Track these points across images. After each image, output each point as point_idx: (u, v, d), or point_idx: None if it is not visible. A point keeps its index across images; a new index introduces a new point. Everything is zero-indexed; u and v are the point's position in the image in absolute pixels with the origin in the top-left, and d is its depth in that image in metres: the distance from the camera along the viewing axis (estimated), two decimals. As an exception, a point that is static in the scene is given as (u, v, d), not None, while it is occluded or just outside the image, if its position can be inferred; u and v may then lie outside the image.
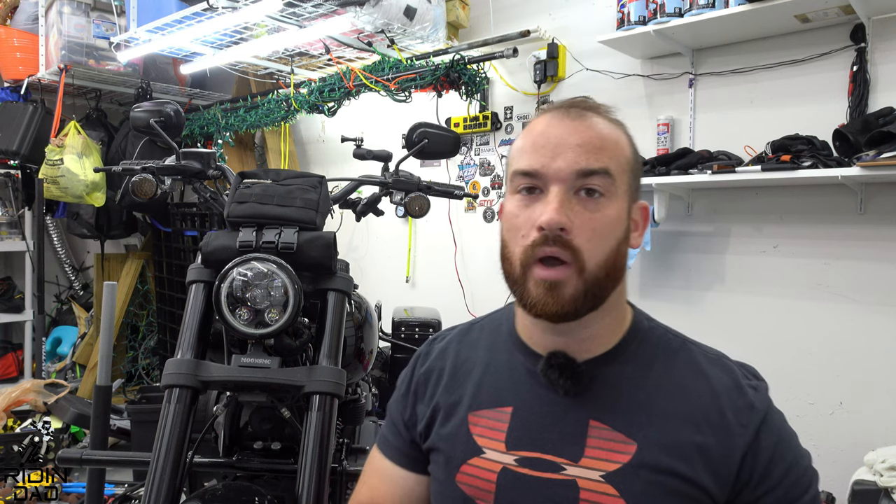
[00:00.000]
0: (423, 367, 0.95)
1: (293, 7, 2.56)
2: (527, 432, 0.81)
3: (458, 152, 1.85)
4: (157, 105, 1.67)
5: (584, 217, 0.76)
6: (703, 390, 0.78)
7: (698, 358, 0.81)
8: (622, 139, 0.82)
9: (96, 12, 3.58)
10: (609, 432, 0.77)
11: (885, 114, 1.95)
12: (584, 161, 0.76)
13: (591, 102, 0.84)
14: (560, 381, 0.79)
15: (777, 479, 0.74)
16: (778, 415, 0.78)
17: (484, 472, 0.81)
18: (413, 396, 0.94)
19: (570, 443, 0.78)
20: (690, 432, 0.75)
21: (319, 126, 3.96)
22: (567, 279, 0.75)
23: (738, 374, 0.80)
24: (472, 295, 3.19)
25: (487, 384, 0.86)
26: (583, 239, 0.75)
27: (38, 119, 3.75)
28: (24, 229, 4.13)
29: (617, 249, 0.77)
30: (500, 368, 0.87)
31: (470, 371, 0.89)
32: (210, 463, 1.40)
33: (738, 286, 2.38)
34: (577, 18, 2.78)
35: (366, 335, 1.70)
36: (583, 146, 0.77)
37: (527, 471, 0.79)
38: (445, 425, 0.87)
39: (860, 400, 2.10)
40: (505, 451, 0.81)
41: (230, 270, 1.24)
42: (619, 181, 0.78)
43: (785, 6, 2.01)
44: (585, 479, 0.76)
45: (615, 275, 0.78)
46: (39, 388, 3.20)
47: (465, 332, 0.96)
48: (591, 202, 0.76)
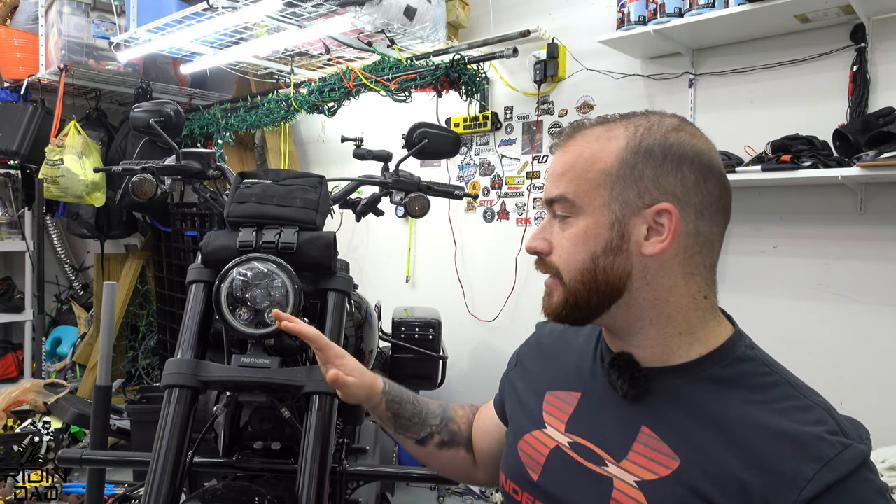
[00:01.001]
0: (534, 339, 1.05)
1: (293, 7, 2.56)
2: (586, 420, 0.85)
3: (458, 152, 1.85)
4: (157, 105, 1.67)
5: (559, 236, 0.82)
6: (775, 430, 0.70)
7: (788, 401, 0.73)
8: (605, 149, 0.78)
9: (96, 12, 3.58)
10: (657, 442, 0.76)
11: (885, 114, 1.95)
12: (547, 191, 0.83)
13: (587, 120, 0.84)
14: (619, 383, 0.80)
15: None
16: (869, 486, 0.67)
17: (540, 445, 0.88)
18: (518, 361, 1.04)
19: (619, 442, 0.79)
20: (739, 468, 0.69)
21: (319, 126, 3.96)
22: (554, 289, 0.83)
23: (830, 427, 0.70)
24: (472, 295, 3.19)
25: (571, 368, 0.92)
26: (557, 256, 0.81)
27: (38, 119, 3.75)
28: (24, 229, 4.13)
29: (593, 263, 0.78)
30: (585, 356, 0.91)
31: (564, 353, 0.95)
32: (210, 463, 1.40)
33: (738, 286, 2.38)
34: (577, 18, 2.78)
35: (366, 335, 1.70)
36: (552, 176, 0.83)
37: (574, 455, 0.83)
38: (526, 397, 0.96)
39: (860, 400, 2.10)
40: (563, 432, 0.86)
41: (230, 270, 1.24)
42: (585, 198, 0.78)
43: (785, 6, 2.01)
44: (621, 481, 0.76)
45: (601, 287, 0.78)
46: (39, 388, 3.20)
47: None
48: (563, 223, 0.82)
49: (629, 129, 0.79)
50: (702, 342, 0.79)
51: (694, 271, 0.78)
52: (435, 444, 1.05)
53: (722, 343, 0.79)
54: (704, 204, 0.77)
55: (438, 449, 1.05)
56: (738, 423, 0.72)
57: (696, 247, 0.77)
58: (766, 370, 0.77)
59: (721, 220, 0.79)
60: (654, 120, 0.79)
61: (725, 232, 0.82)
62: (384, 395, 1.03)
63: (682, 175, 0.76)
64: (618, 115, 0.82)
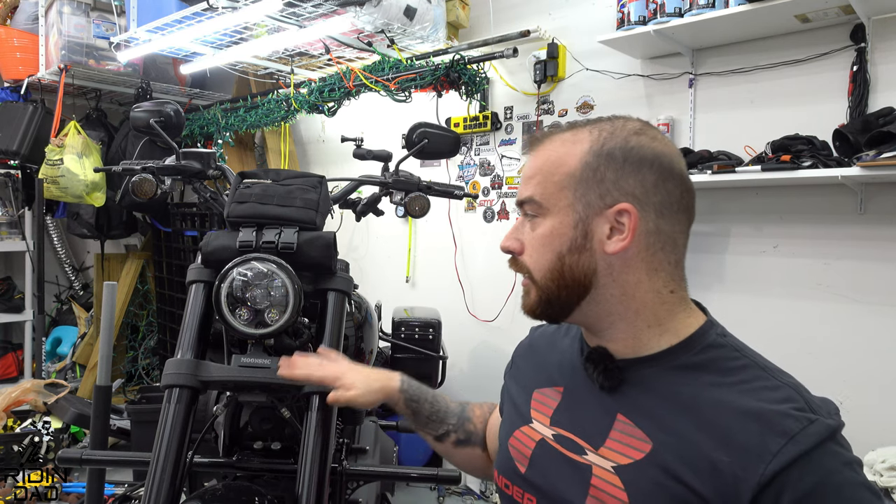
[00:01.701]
0: (526, 341, 1.09)
1: (293, 7, 2.56)
2: (568, 413, 0.89)
3: (458, 152, 1.85)
4: (157, 105, 1.67)
5: (529, 236, 0.86)
6: (741, 409, 0.73)
7: (756, 382, 0.76)
8: (571, 152, 0.83)
9: (96, 12, 3.58)
10: (632, 428, 0.80)
11: (885, 114, 1.95)
12: (519, 193, 0.88)
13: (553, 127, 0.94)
14: (595, 375, 0.85)
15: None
16: (835, 458, 0.69)
17: (527, 439, 0.91)
18: (512, 362, 1.08)
19: (597, 431, 0.83)
20: (709, 447, 0.72)
21: (319, 126, 3.96)
22: (529, 288, 0.87)
23: (797, 403, 0.73)
24: (472, 295, 3.19)
25: (554, 366, 0.97)
26: (528, 256, 0.86)
27: (38, 119, 3.75)
28: (24, 229, 4.13)
29: (560, 262, 0.82)
30: (568, 354, 0.96)
31: (551, 353, 1.00)
32: (210, 463, 1.40)
33: (738, 286, 2.38)
34: (577, 18, 2.78)
35: (366, 335, 1.70)
36: (523, 179, 0.88)
37: (558, 447, 0.87)
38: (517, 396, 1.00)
39: (860, 400, 2.10)
40: (548, 426, 0.90)
41: (230, 270, 1.24)
42: (551, 201, 0.83)
43: (785, 6, 2.01)
44: (599, 467, 0.80)
45: (569, 284, 0.82)
46: (39, 388, 3.20)
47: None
48: (532, 223, 0.86)
49: (593, 134, 0.83)
50: (672, 333, 0.82)
51: (658, 267, 0.82)
52: (452, 441, 1.11)
53: (692, 332, 0.82)
54: (664, 204, 0.81)
55: (455, 447, 1.11)
56: (708, 405, 0.75)
57: (657, 244, 0.81)
58: (736, 354, 0.80)
59: (683, 219, 0.83)
60: (617, 124, 0.84)
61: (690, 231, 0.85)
62: (402, 393, 1.08)
63: (641, 176, 0.80)
64: (586, 121, 0.87)
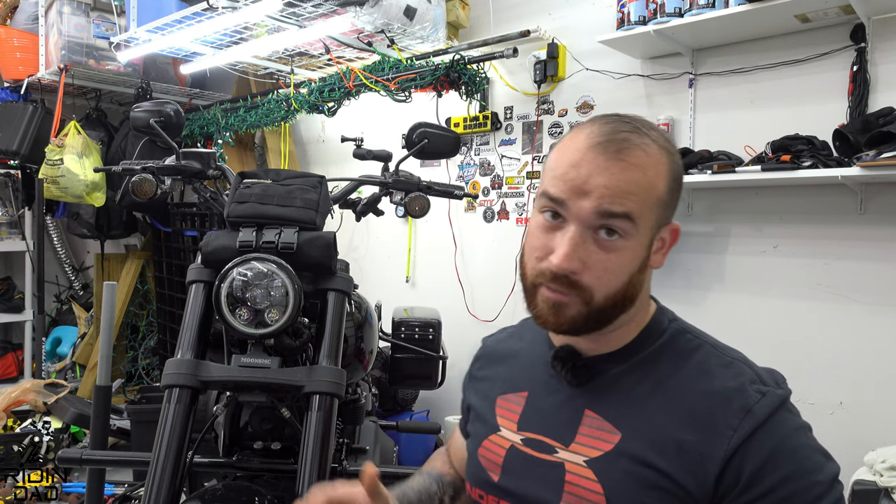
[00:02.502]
0: (476, 354, 1.07)
1: (293, 7, 2.56)
2: (535, 416, 0.89)
3: (458, 152, 1.85)
4: (157, 105, 1.67)
5: (599, 257, 0.76)
6: (702, 390, 0.77)
7: (710, 359, 0.80)
8: (660, 175, 0.78)
9: (96, 12, 3.58)
10: (599, 422, 0.81)
11: (885, 114, 1.95)
12: (607, 204, 0.75)
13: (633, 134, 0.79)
14: (563, 373, 0.85)
15: (769, 487, 0.71)
16: (787, 424, 0.75)
17: (497, 447, 0.90)
18: (469, 377, 1.06)
19: (566, 429, 0.84)
20: (674, 429, 0.76)
21: (319, 126, 3.96)
22: (571, 303, 0.78)
23: (748, 377, 0.77)
24: (472, 295, 3.19)
25: (516, 371, 0.96)
26: (593, 277, 0.77)
27: (38, 119, 3.75)
28: (24, 229, 4.13)
29: (628, 282, 0.78)
30: (528, 357, 0.96)
31: (509, 360, 0.99)
32: (210, 463, 1.40)
33: (738, 286, 2.38)
34: (577, 18, 2.78)
35: (366, 335, 1.70)
36: (610, 189, 0.75)
37: (528, 450, 0.86)
38: (480, 407, 0.98)
39: (860, 400, 2.10)
40: (515, 431, 0.89)
41: (230, 270, 1.24)
42: (642, 222, 0.77)
43: (785, 6, 2.01)
44: (571, 463, 0.81)
45: (624, 303, 0.80)
46: (39, 388, 3.20)
47: (519, 327, 1.05)
48: (608, 242, 0.76)
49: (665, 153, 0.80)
50: (635, 328, 0.85)
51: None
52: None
53: (649, 321, 0.85)
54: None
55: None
56: (670, 390, 0.79)
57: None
58: (689, 337, 0.84)
59: None
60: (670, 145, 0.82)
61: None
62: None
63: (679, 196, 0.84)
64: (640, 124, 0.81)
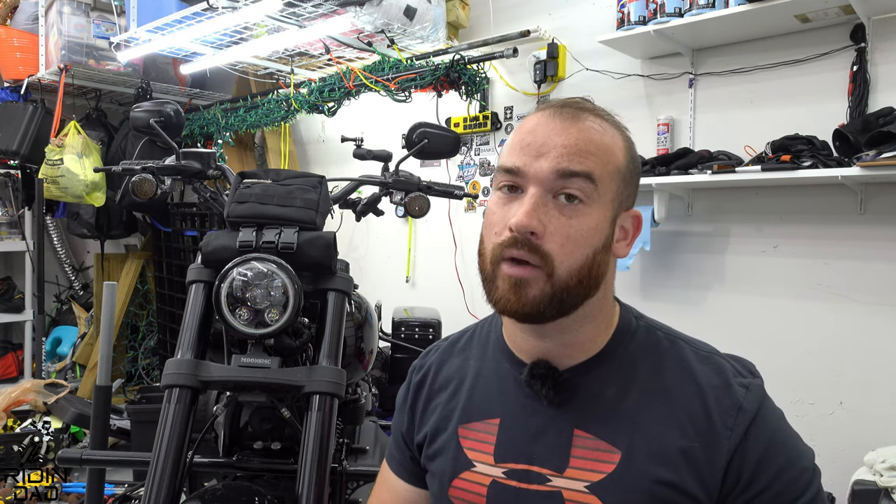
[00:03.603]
0: (417, 378, 0.95)
1: (293, 7, 2.56)
2: (514, 444, 0.80)
3: (458, 152, 1.85)
4: (157, 105, 1.66)
5: (560, 222, 0.73)
6: (690, 392, 0.75)
7: (688, 356, 0.78)
8: (617, 145, 0.77)
9: (96, 12, 3.58)
10: (593, 441, 0.76)
11: (885, 114, 1.95)
12: (565, 162, 0.73)
13: (587, 103, 0.80)
14: (543, 391, 0.78)
15: (766, 482, 0.71)
16: (772, 413, 0.75)
17: (474, 485, 0.81)
18: (410, 411, 0.94)
19: (556, 453, 0.77)
20: (675, 438, 0.73)
21: (319, 126, 3.96)
22: (533, 280, 0.73)
23: (730, 372, 0.76)
24: (472, 295, 3.19)
25: (477, 395, 0.86)
26: (555, 244, 0.73)
27: (38, 119, 3.74)
28: (24, 229, 4.13)
29: (593, 258, 0.74)
30: (489, 378, 0.86)
31: (461, 383, 0.89)
32: (210, 463, 1.40)
33: (738, 286, 2.38)
34: (577, 18, 2.78)
35: (366, 335, 1.70)
36: (568, 147, 0.74)
37: (515, 483, 0.79)
38: (437, 440, 0.87)
39: (860, 400, 2.10)
40: (494, 464, 0.81)
41: (230, 270, 1.23)
42: (603, 188, 0.75)
43: (785, 6, 2.01)
44: (570, 491, 0.75)
45: (589, 283, 0.75)
46: (39, 388, 3.20)
47: (455, 342, 0.95)
48: (569, 208, 0.74)
49: (621, 134, 0.79)
50: (606, 329, 0.81)
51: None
52: None
53: (618, 322, 0.82)
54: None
55: None
56: (658, 396, 0.76)
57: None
58: (659, 335, 0.82)
59: None
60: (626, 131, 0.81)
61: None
62: None
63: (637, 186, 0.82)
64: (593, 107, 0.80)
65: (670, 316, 2.17)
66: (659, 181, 2.28)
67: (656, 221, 2.43)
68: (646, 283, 2.61)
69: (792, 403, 2.21)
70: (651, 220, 2.42)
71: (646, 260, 2.59)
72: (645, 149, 2.55)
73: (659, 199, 2.38)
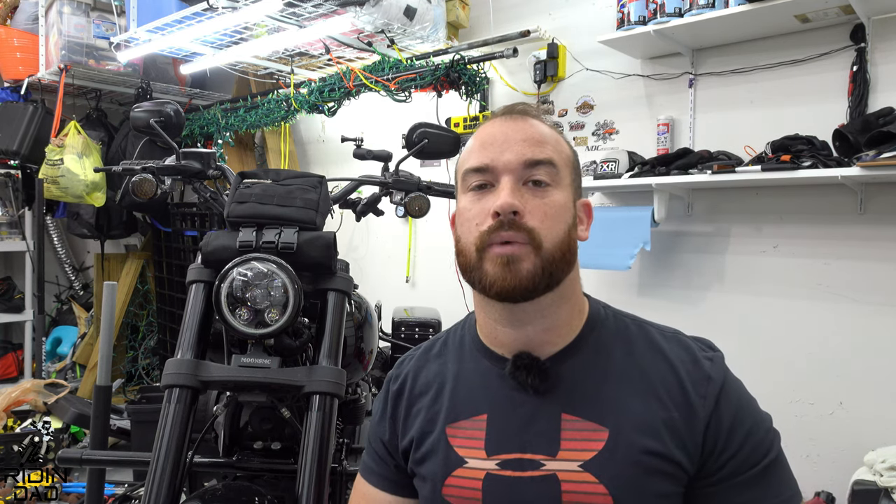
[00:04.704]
0: (396, 387, 0.97)
1: (293, 7, 2.56)
2: (504, 435, 0.83)
3: (458, 152, 1.85)
4: (157, 105, 1.66)
5: (535, 202, 0.81)
6: (663, 368, 0.82)
7: (655, 337, 0.85)
8: (561, 139, 0.88)
9: (96, 12, 3.58)
10: (581, 423, 0.80)
11: (885, 114, 1.95)
12: (529, 153, 0.82)
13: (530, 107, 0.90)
14: (528, 381, 0.82)
15: (738, 445, 0.78)
16: (735, 382, 0.83)
17: (469, 481, 0.83)
18: (391, 420, 0.95)
19: (546, 439, 0.80)
20: (656, 409, 0.79)
21: (319, 126, 3.96)
22: (524, 254, 0.79)
23: (695, 347, 0.84)
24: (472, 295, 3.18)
25: (460, 395, 0.88)
26: (536, 220, 0.80)
27: (38, 119, 3.75)
28: (24, 229, 4.13)
29: (568, 234, 0.82)
30: (469, 378, 0.89)
31: (442, 386, 0.91)
32: (210, 463, 1.40)
33: (738, 286, 2.38)
34: (577, 18, 2.78)
35: (366, 335, 1.69)
36: (527, 140, 0.83)
37: (509, 472, 0.81)
38: (424, 443, 0.89)
39: (860, 400, 2.10)
40: (486, 458, 0.83)
41: (230, 270, 1.23)
42: (562, 174, 0.84)
43: (785, 6, 2.01)
44: (565, 471, 0.78)
45: (569, 258, 0.83)
46: (39, 388, 3.20)
47: (429, 349, 0.98)
48: (539, 191, 0.82)
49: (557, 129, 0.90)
50: (579, 316, 0.87)
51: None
52: None
53: (588, 311, 0.88)
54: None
55: None
56: (634, 374, 0.82)
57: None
58: (626, 322, 0.88)
59: None
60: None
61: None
62: None
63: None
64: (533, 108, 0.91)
65: (670, 316, 2.17)
66: (659, 181, 2.28)
67: (656, 221, 2.43)
68: (646, 283, 2.61)
69: (792, 403, 2.21)
70: (651, 220, 2.42)
71: (646, 260, 2.59)
72: (645, 149, 2.55)
73: (659, 199, 2.38)
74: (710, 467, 0.78)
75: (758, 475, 0.78)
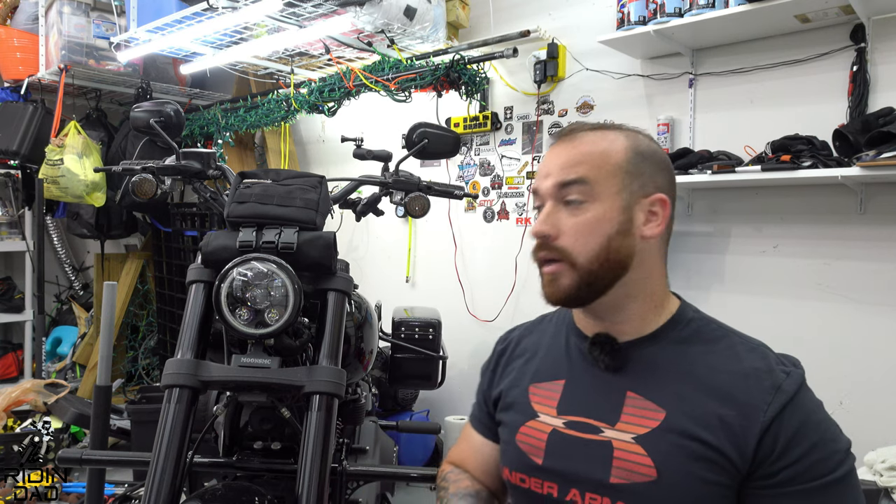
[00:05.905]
0: (501, 347, 1.13)
1: (293, 7, 2.56)
2: (574, 400, 0.95)
3: (458, 152, 1.85)
4: (157, 105, 1.66)
5: (569, 222, 0.90)
6: (735, 371, 0.86)
7: (737, 346, 0.90)
8: (613, 147, 0.92)
9: (96, 12, 3.58)
10: (643, 401, 0.88)
11: (885, 114, 1.95)
12: (562, 175, 0.91)
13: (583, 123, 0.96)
14: (601, 357, 0.92)
15: (797, 457, 0.80)
16: (811, 400, 0.85)
17: (538, 432, 0.96)
18: (491, 373, 1.11)
19: (609, 410, 0.90)
20: (715, 406, 0.84)
21: (319, 126, 3.96)
22: (560, 273, 0.91)
23: (773, 360, 0.88)
24: (472, 295, 3.19)
25: (547, 362, 1.02)
26: (569, 240, 0.90)
27: (38, 119, 3.75)
28: (24, 229, 4.13)
29: (608, 244, 0.89)
30: (559, 349, 1.02)
31: (535, 352, 1.06)
32: (210, 463, 1.40)
33: (738, 286, 2.38)
34: (577, 18, 2.78)
35: (366, 335, 1.70)
36: (563, 164, 0.92)
37: (572, 432, 0.92)
38: (510, 395, 1.04)
39: (860, 400, 2.10)
40: (556, 416, 0.95)
41: (230, 270, 1.23)
42: (602, 185, 0.90)
43: (785, 6, 2.01)
44: (619, 441, 0.87)
45: (612, 266, 0.89)
46: (39, 388, 3.20)
47: (537, 323, 1.13)
48: (574, 208, 0.91)
49: (624, 135, 0.94)
50: (658, 311, 0.94)
51: (664, 256, 0.96)
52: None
53: (676, 310, 0.95)
54: (675, 202, 0.96)
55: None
56: (705, 371, 0.87)
57: (667, 235, 0.95)
58: (714, 326, 0.94)
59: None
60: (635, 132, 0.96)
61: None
62: None
63: (666, 175, 0.95)
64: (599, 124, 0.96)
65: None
66: (659, 181, 2.28)
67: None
68: (646, 283, 2.61)
69: (792, 403, 2.21)
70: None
71: (646, 260, 2.59)
72: (645, 149, 2.55)
73: (659, 199, 2.38)
74: (764, 471, 0.81)
75: (815, 490, 0.80)
